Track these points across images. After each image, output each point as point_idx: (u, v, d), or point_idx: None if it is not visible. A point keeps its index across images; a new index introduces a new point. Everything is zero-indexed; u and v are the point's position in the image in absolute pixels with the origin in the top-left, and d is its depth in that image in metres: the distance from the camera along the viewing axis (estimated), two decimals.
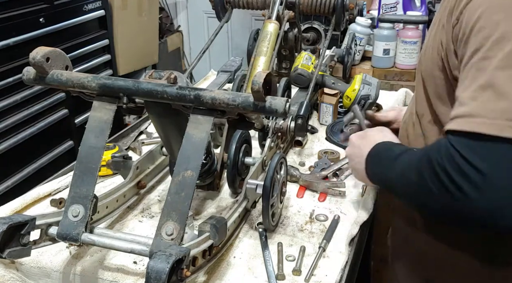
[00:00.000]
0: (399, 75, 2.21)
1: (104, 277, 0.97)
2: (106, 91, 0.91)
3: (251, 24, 3.70)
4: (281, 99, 0.82)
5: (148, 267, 0.70)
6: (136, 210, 1.19)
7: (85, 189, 0.89)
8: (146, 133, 1.60)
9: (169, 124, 0.97)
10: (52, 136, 2.38)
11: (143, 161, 1.23)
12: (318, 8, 1.64)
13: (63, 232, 0.88)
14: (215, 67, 2.12)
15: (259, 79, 0.79)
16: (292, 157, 1.44)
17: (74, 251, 1.02)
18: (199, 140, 0.86)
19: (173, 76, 0.88)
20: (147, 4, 3.07)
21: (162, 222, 0.83)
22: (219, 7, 1.71)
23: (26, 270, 1.01)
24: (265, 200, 1.03)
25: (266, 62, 1.46)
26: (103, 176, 1.32)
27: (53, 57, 0.92)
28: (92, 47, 2.60)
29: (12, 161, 2.16)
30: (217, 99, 0.84)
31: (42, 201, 1.21)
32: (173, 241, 0.81)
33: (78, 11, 2.48)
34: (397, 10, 2.34)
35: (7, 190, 2.10)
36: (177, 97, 0.86)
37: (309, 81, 1.54)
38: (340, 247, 1.05)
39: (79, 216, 0.88)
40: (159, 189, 1.28)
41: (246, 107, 0.83)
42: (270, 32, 1.50)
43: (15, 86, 2.12)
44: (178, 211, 0.82)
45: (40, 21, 2.22)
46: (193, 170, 0.84)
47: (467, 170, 0.67)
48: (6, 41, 2.05)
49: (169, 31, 3.75)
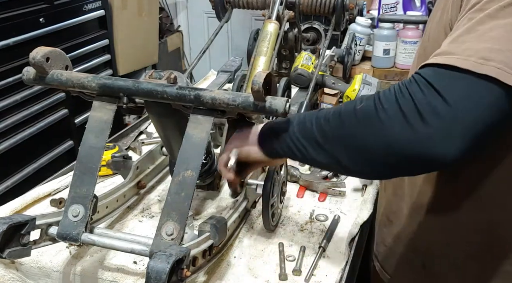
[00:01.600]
0: (399, 75, 2.20)
1: (104, 277, 0.97)
2: (106, 91, 0.91)
3: (251, 24, 3.70)
4: (281, 99, 0.82)
5: (148, 267, 0.70)
6: (136, 210, 1.19)
7: (85, 189, 0.89)
8: (146, 133, 1.60)
9: (169, 124, 0.97)
10: (52, 137, 2.39)
11: (143, 161, 1.23)
12: (318, 8, 1.64)
13: (63, 232, 0.88)
14: (215, 67, 2.12)
15: (259, 79, 0.79)
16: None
17: (74, 251, 1.02)
18: (199, 141, 0.86)
19: (173, 76, 0.88)
20: (147, 4, 3.07)
21: (162, 222, 0.83)
22: (219, 7, 1.70)
23: (26, 270, 1.01)
24: (265, 200, 1.03)
25: (266, 62, 1.46)
26: (103, 176, 1.32)
27: (53, 57, 0.92)
28: (92, 47, 2.60)
29: (12, 161, 2.16)
30: (217, 99, 0.84)
31: (42, 201, 1.21)
32: (173, 241, 0.81)
33: (78, 11, 2.48)
34: (397, 10, 2.34)
35: (7, 190, 2.10)
36: (177, 97, 0.86)
37: (309, 81, 1.54)
38: (340, 247, 1.05)
39: (79, 216, 0.88)
40: (159, 189, 1.28)
41: (246, 107, 0.83)
42: (270, 32, 1.50)
43: (15, 86, 2.12)
44: (178, 211, 0.82)
45: (40, 21, 2.22)
46: (193, 170, 0.84)
47: (433, 97, 0.65)
48: (6, 41, 2.05)
49: (169, 31, 3.75)
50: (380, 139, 0.69)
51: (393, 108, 0.68)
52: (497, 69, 0.63)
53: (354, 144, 0.73)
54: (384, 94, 0.70)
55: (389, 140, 0.68)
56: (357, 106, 0.73)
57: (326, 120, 0.77)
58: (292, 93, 1.60)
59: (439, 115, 0.64)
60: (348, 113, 0.74)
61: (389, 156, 0.70)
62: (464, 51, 0.65)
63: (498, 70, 0.63)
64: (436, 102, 0.65)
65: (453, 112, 0.64)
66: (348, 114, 0.74)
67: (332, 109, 0.78)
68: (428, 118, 0.65)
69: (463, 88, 0.64)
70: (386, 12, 2.34)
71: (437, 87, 0.65)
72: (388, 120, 0.68)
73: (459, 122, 0.64)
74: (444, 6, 0.81)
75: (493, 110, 0.65)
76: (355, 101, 0.75)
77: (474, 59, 0.64)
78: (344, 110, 0.75)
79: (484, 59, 0.63)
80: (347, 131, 0.74)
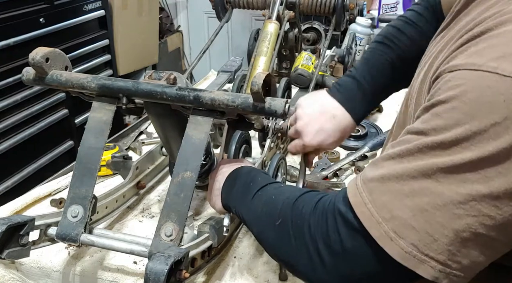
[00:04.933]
0: None
1: (104, 277, 0.97)
2: (105, 92, 0.91)
3: (251, 24, 3.69)
4: (281, 100, 0.82)
5: (147, 269, 0.70)
6: (136, 210, 1.19)
7: (85, 189, 0.89)
8: (146, 134, 1.60)
9: (169, 125, 0.97)
10: (52, 136, 2.39)
11: (143, 161, 1.23)
12: (318, 8, 1.64)
13: (62, 233, 0.88)
14: (215, 67, 2.12)
15: (258, 80, 0.79)
16: (292, 157, 1.44)
17: (73, 252, 1.02)
18: (199, 142, 0.86)
19: (172, 77, 0.88)
20: (147, 4, 3.07)
21: (161, 223, 0.82)
22: (219, 7, 1.70)
23: (26, 270, 1.01)
24: None
25: (266, 62, 1.46)
26: (102, 176, 1.32)
27: (52, 58, 0.92)
28: (92, 47, 2.60)
29: (12, 161, 2.16)
30: (216, 100, 0.84)
31: (42, 201, 1.21)
32: (172, 242, 0.81)
33: (78, 11, 2.48)
34: (397, 10, 2.34)
35: (7, 190, 2.10)
36: (176, 98, 0.86)
37: (309, 81, 1.54)
38: None
39: (78, 216, 0.88)
40: (158, 189, 1.28)
41: (246, 109, 0.83)
42: (270, 32, 1.50)
43: (15, 86, 2.12)
44: (178, 212, 0.82)
45: (40, 21, 2.22)
46: (193, 171, 0.84)
47: (335, 246, 0.61)
48: (6, 41, 2.05)
49: (169, 31, 3.75)
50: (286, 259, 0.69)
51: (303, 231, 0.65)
52: (404, 253, 0.55)
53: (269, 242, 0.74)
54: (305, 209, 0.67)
55: (293, 264, 0.67)
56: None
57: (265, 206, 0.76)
58: (292, 94, 1.60)
59: (336, 262, 0.61)
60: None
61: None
62: (381, 208, 0.57)
63: (405, 254, 0.55)
64: (335, 248, 0.60)
65: (343, 264, 0.60)
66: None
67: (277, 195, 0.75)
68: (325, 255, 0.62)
69: (364, 251, 0.59)
70: (386, 12, 2.35)
71: (339, 233, 0.60)
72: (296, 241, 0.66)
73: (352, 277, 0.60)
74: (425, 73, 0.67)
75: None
76: (296, 197, 0.71)
77: (385, 230, 0.56)
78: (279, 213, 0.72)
79: (396, 234, 0.55)
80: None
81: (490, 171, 0.50)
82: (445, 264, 0.54)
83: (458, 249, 0.53)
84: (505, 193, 0.50)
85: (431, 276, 0.55)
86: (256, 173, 0.87)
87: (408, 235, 0.54)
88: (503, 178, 0.50)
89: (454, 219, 0.52)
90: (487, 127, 0.50)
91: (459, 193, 0.52)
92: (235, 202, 0.85)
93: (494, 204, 0.51)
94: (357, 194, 0.60)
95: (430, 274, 0.54)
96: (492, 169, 0.50)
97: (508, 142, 0.49)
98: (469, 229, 0.52)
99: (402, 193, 0.55)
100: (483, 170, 0.51)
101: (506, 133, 0.49)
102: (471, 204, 0.51)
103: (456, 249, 0.53)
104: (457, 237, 0.53)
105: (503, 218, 0.51)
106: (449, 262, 0.54)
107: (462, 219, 0.52)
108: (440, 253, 0.54)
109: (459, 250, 0.53)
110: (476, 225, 0.52)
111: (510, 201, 0.51)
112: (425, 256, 0.54)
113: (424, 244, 0.54)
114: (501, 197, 0.51)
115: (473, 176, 0.51)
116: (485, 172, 0.51)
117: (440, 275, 0.54)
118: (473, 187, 0.51)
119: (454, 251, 0.53)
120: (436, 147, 0.54)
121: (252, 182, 0.83)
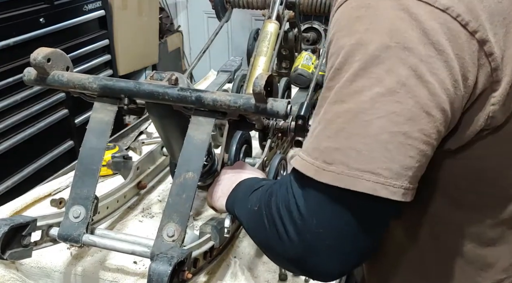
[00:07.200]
0: None
1: (105, 277, 0.97)
2: (107, 92, 0.91)
3: (251, 24, 3.69)
4: (283, 101, 0.82)
5: (150, 270, 0.70)
6: (137, 210, 1.19)
7: (86, 190, 0.89)
8: (146, 133, 1.60)
9: (170, 126, 0.97)
10: (52, 136, 2.39)
11: (144, 161, 1.23)
12: (318, 8, 1.64)
13: (64, 233, 0.88)
14: (215, 67, 2.12)
15: (260, 81, 0.79)
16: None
17: (75, 252, 1.03)
18: (200, 142, 0.86)
19: (174, 78, 0.88)
20: (147, 4, 3.07)
21: (163, 224, 0.83)
22: (219, 7, 1.70)
23: (27, 270, 1.01)
24: None
25: (266, 62, 1.46)
26: (103, 176, 1.32)
27: (54, 58, 0.92)
28: (92, 47, 2.60)
29: (12, 161, 2.16)
30: (218, 101, 0.84)
31: (42, 201, 1.21)
32: (175, 243, 0.81)
33: (78, 11, 2.48)
34: None
35: (7, 190, 2.10)
36: (178, 99, 0.86)
37: (309, 81, 1.54)
38: None
39: (80, 217, 0.88)
40: (159, 189, 1.28)
41: (248, 109, 0.83)
42: (270, 32, 1.50)
43: (15, 86, 2.12)
44: (180, 212, 0.82)
45: (40, 21, 2.22)
46: (194, 171, 0.84)
47: (293, 211, 0.61)
48: (6, 41, 2.05)
49: (169, 31, 3.75)
50: (265, 243, 0.69)
51: (272, 214, 0.65)
52: (336, 174, 0.56)
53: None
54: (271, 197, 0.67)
55: (270, 246, 0.67)
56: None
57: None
58: (292, 94, 1.60)
59: (297, 229, 0.61)
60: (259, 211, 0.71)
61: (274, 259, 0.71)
62: (312, 152, 0.59)
63: (337, 175, 0.56)
64: (294, 214, 0.61)
65: (307, 226, 0.59)
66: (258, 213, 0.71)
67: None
68: (290, 231, 0.61)
69: (315, 198, 0.60)
70: None
71: (298, 203, 0.61)
72: (270, 226, 0.66)
73: (318, 238, 0.59)
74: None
75: (353, 221, 0.58)
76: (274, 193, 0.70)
77: (318, 164, 0.58)
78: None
79: (325, 163, 0.57)
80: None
81: (379, 72, 0.55)
82: (376, 173, 0.55)
83: (382, 154, 0.55)
84: (398, 86, 0.55)
85: (369, 189, 0.55)
86: (260, 179, 0.88)
87: (336, 157, 0.57)
88: (392, 74, 0.55)
89: (368, 125, 0.56)
90: (360, 37, 0.56)
91: (363, 101, 0.56)
92: (236, 204, 0.85)
93: (394, 99, 0.55)
94: (297, 158, 0.63)
95: (368, 187, 0.55)
96: (379, 69, 0.55)
97: (376, 45, 0.55)
98: (384, 130, 0.55)
99: (323, 129, 0.59)
100: (373, 73, 0.55)
101: (372, 39, 0.56)
102: (376, 107, 0.55)
103: (380, 154, 0.55)
104: (377, 142, 0.55)
105: (407, 110, 0.55)
106: (379, 170, 0.55)
107: (374, 122, 0.55)
108: (367, 162, 0.55)
109: (383, 154, 0.55)
110: (388, 124, 0.55)
111: (407, 93, 0.55)
112: (355, 170, 0.56)
113: (351, 160, 0.56)
114: (398, 91, 0.55)
115: (368, 81, 0.56)
116: (376, 74, 0.55)
117: (377, 186, 0.55)
118: (372, 91, 0.55)
119: (380, 157, 0.55)
120: (334, 76, 0.59)
121: (254, 184, 0.83)
